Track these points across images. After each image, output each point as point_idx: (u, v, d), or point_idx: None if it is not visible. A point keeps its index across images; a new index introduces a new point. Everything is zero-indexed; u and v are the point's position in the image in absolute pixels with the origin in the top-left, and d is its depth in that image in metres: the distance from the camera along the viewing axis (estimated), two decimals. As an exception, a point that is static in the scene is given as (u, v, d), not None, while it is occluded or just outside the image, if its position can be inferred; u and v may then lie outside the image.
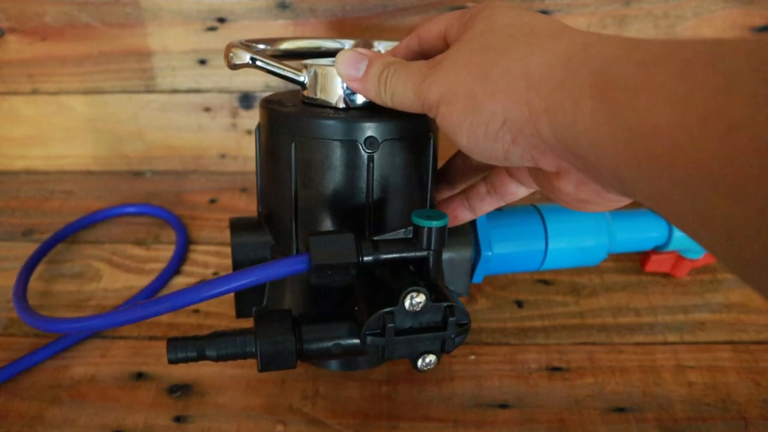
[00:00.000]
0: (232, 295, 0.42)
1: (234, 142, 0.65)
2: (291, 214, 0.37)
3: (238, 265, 0.39)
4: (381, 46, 0.43)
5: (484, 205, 0.38)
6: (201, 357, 0.33)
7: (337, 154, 0.35)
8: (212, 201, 0.60)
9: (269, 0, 0.54)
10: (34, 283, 0.50)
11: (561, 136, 0.24)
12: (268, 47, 0.41)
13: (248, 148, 0.65)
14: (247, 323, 0.42)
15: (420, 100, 0.30)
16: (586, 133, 0.23)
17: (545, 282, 0.50)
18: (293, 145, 0.35)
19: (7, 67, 0.59)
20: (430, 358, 0.33)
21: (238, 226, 0.40)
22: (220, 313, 0.46)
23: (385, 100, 0.32)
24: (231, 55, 0.36)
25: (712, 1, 0.52)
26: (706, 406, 0.39)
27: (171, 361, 0.33)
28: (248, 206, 0.60)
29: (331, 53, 0.43)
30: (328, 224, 0.37)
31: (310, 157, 0.35)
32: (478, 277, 0.44)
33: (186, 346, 0.33)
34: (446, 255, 0.41)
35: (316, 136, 0.34)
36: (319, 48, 0.44)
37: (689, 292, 0.49)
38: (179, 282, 0.50)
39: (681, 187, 0.19)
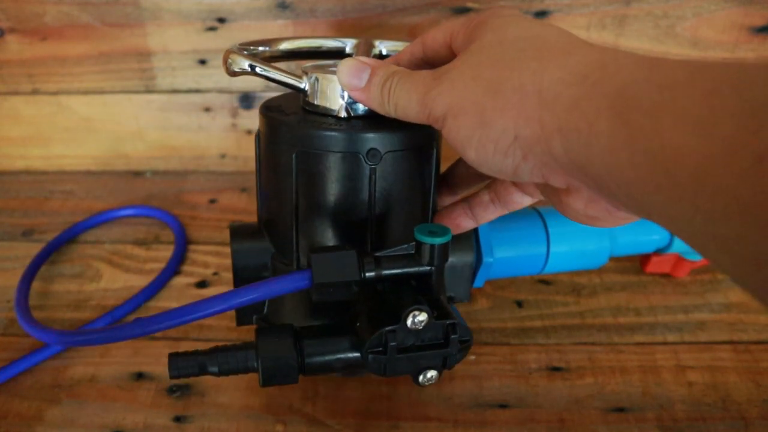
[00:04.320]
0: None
1: (234, 142, 0.65)
2: (292, 223, 0.37)
3: (238, 271, 0.39)
4: (382, 46, 0.43)
5: (487, 213, 0.37)
6: (203, 372, 0.33)
7: (338, 166, 0.34)
8: (212, 201, 0.60)
9: (269, 0, 0.54)
10: (34, 283, 0.50)
11: (574, 156, 0.24)
12: (268, 49, 0.41)
13: (248, 148, 0.65)
14: (247, 330, 0.42)
15: (425, 111, 0.29)
16: (602, 155, 0.22)
17: (545, 282, 0.50)
18: (294, 156, 0.34)
19: (7, 67, 0.59)
20: (432, 373, 0.33)
21: (237, 232, 0.40)
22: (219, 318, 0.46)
23: (389, 110, 0.31)
24: (229, 61, 0.35)
25: (712, 1, 0.52)
26: (706, 406, 0.39)
27: (172, 377, 0.33)
28: (248, 206, 0.60)
29: (332, 53, 0.43)
30: (329, 235, 0.36)
31: (311, 169, 0.35)
32: (479, 282, 0.44)
33: (187, 362, 0.33)
34: (449, 262, 0.41)
35: (317, 148, 0.34)
36: (320, 47, 0.43)
37: (689, 292, 0.49)
38: (179, 282, 0.50)
39: (704, 214, 0.19)
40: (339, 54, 0.43)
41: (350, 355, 0.33)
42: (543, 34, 0.27)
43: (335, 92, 0.35)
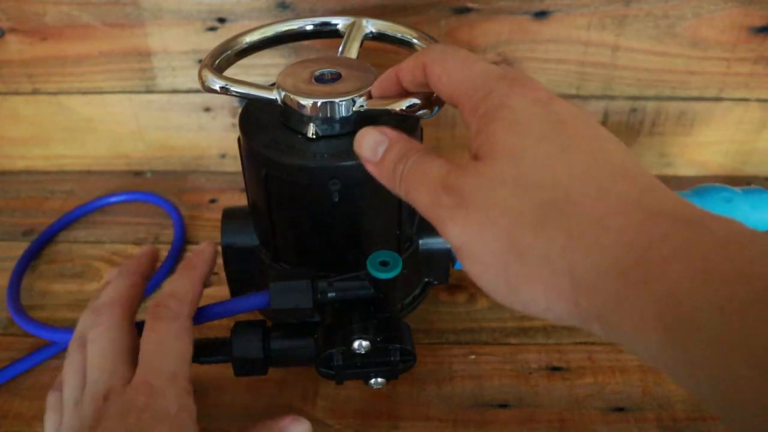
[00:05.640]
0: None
1: (234, 142, 0.64)
2: (269, 227, 0.38)
3: (226, 250, 0.41)
4: (369, 24, 0.42)
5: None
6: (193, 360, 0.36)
7: (303, 194, 0.35)
8: (212, 201, 0.60)
9: (269, 0, 0.54)
10: (36, 283, 0.50)
11: (615, 340, 0.22)
12: (247, 43, 0.41)
13: (248, 148, 0.65)
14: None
15: (434, 220, 0.26)
16: (651, 358, 0.21)
17: (545, 282, 0.50)
18: (263, 176, 0.36)
19: (7, 67, 0.59)
20: (380, 379, 0.36)
21: (229, 215, 0.42)
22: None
23: (400, 193, 0.28)
24: (203, 79, 0.36)
25: (712, 1, 0.52)
26: (706, 406, 0.39)
27: None
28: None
29: (318, 33, 0.43)
30: (300, 247, 0.39)
31: (279, 189, 0.36)
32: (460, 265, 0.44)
33: None
34: (426, 247, 0.42)
35: (282, 174, 0.35)
36: (304, 28, 0.43)
37: (689, 292, 0.48)
38: (179, 282, 0.50)
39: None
40: (326, 34, 0.43)
41: (311, 355, 0.36)
42: (569, 185, 0.23)
43: (303, 112, 0.35)
